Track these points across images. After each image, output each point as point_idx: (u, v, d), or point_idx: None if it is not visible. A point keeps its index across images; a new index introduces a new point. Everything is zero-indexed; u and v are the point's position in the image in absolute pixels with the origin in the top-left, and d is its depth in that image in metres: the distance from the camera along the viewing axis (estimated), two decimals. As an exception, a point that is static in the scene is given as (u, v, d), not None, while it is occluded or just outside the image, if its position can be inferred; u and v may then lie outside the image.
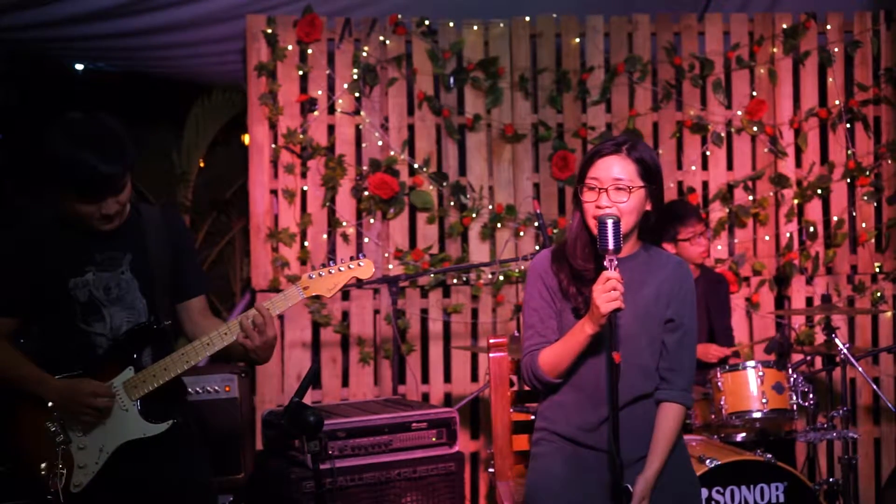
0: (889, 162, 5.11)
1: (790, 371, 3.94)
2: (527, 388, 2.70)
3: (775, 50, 5.09)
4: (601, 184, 2.50)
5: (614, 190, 2.49)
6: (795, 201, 5.08)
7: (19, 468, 2.58)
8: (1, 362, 2.63)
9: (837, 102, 5.09)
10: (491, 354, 3.02)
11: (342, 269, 2.73)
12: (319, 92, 4.88)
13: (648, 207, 2.55)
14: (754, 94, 5.09)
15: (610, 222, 2.36)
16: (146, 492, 2.67)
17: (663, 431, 2.56)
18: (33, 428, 2.59)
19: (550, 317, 2.61)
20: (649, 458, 2.54)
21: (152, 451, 2.64)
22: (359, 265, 2.74)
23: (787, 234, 5.07)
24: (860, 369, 4.08)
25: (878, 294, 5.07)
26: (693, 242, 4.28)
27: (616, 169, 2.50)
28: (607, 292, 2.36)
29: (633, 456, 2.53)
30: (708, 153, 5.09)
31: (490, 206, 4.95)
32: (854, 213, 5.12)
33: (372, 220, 4.88)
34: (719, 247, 5.01)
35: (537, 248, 4.87)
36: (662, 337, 2.59)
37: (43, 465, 2.54)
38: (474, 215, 4.92)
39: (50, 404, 2.58)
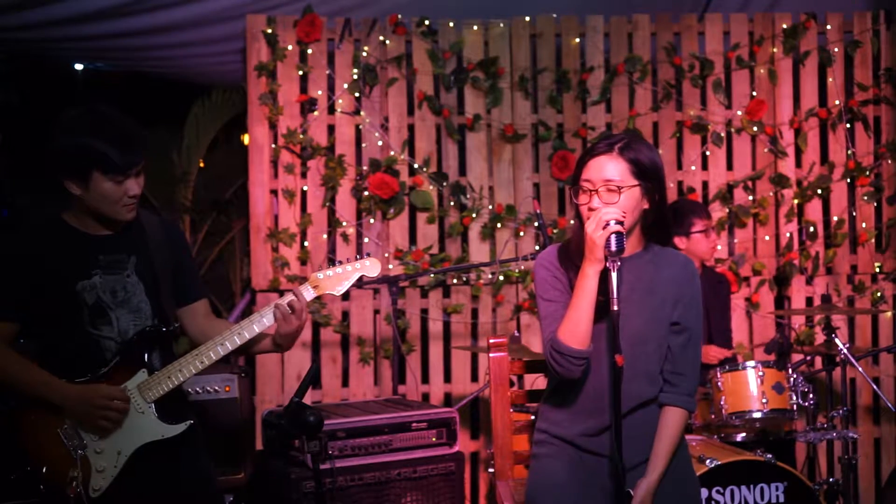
0: (889, 162, 5.10)
1: (790, 371, 3.94)
2: (561, 373, 2.50)
3: (775, 50, 5.09)
4: (593, 185, 2.49)
5: (605, 191, 2.47)
6: (795, 201, 5.08)
7: (37, 474, 2.57)
8: (10, 369, 2.62)
9: (837, 102, 5.09)
10: (491, 354, 3.02)
11: (349, 267, 2.75)
12: (319, 92, 4.88)
13: (646, 205, 2.52)
14: (754, 94, 5.09)
15: (613, 238, 2.35)
16: (163, 493, 2.68)
17: (666, 436, 2.54)
18: (49, 434, 2.59)
19: (567, 306, 2.51)
20: (651, 462, 2.52)
21: (167, 451, 2.65)
22: (365, 264, 2.77)
23: (787, 234, 5.06)
24: (860, 369, 4.08)
25: (878, 294, 5.07)
26: (707, 235, 4.31)
27: (607, 170, 2.48)
28: (595, 222, 2.37)
29: (635, 460, 2.52)
30: (708, 153, 5.09)
31: (490, 206, 4.95)
32: (854, 213, 5.12)
33: (372, 220, 4.88)
34: (719, 247, 5.01)
35: (537, 248, 4.87)
36: (668, 340, 2.57)
37: (70, 473, 2.54)
38: (474, 215, 4.92)
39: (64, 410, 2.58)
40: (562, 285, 2.58)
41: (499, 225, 4.93)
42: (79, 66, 5.75)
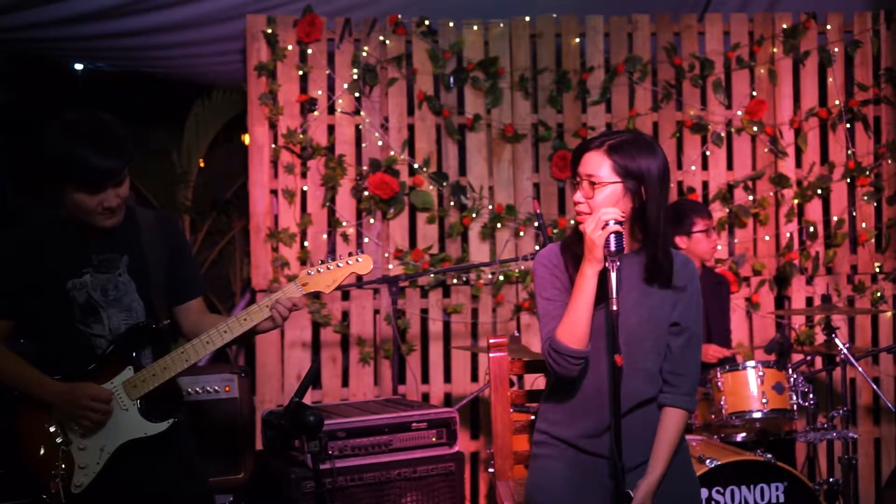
0: (889, 162, 5.10)
1: (790, 371, 3.94)
2: (559, 372, 2.49)
3: (775, 50, 5.09)
4: (579, 179, 2.51)
5: (586, 185, 2.48)
6: (795, 201, 5.08)
7: (20, 469, 2.58)
8: (1, 364, 2.63)
9: (837, 102, 5.09)
10: (491, 354, 3.01)
11: (340, 264, 2.73)
12: (319, 92, 4.88)
13: (630, 204, 2.47)
14: (754, 94, 5.09)
15: (613, 238, 2.35)
16: (146, 490, 2.68)
17: (666, 436, 2.54)
18: (34, 429, 2.59)
19: (566, 305, 2.50)
20: (651, 462, 2.52)
21: (151, 449, 2.65)
22: (357, 260, 2.74)
23: (787, 234, 5.06)
24: (860, 369, 4.08)
25: (878, 294, 5.07)
26: (708, 235, 4.31)
27: (590, 164, 2.48)
28: (595, 222, 2.37)
29: (635, 461, 2.51)
30: (708, 153, 5.09)
31: (490, 206, 4.95)
32: (854, 213, 5.12)
33: (372, 220, 4.88)
34: (719, 247, 5.00)
35: (537, 247, 4.87)
36: (667, 340, 2.57)
37: (53, 469, 2.55)
38: (474, 215, 4.92)
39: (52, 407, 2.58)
40: (561, 284, 2.58)
41: (499, 225, 4.93)
42: (79, 66, 5.75)
